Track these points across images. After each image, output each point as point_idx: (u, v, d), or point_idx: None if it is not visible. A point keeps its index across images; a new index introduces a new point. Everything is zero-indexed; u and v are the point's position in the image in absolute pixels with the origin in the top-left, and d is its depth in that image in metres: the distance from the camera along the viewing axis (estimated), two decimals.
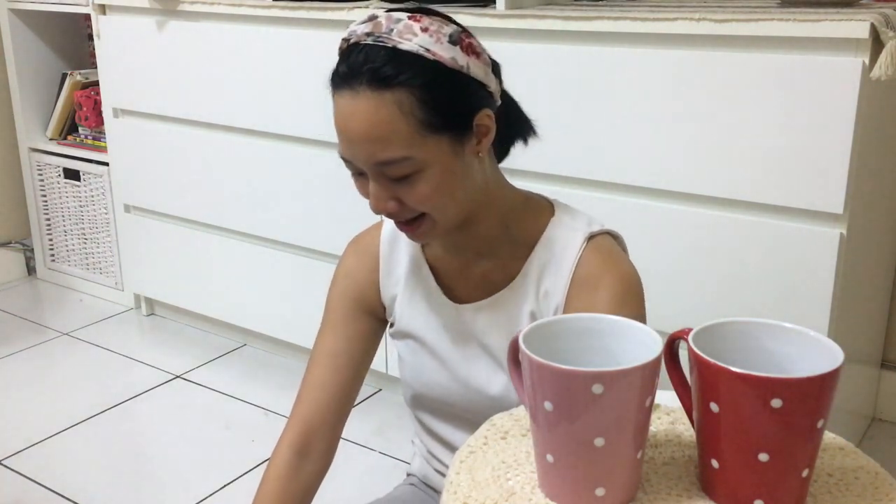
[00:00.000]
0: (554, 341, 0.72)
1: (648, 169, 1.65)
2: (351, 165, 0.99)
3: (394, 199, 0.98)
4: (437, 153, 0.95)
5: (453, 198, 0.99)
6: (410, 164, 0.95)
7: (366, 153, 0.95)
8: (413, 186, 0.96)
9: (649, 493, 0.71)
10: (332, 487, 1.89)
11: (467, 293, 1.09)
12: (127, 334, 2.64)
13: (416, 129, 0.94)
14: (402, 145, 0.94)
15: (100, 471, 1.96)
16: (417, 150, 0.94)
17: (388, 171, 0.95)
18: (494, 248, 1.07)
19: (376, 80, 0.93)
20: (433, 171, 0.96)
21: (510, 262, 1.06)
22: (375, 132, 0.93)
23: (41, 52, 2.85)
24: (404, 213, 0.99)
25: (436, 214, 0.99)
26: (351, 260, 1.16)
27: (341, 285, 1.16)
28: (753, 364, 0.68)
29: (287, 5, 2.05)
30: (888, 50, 1.38)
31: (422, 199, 0.97)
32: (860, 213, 1.56)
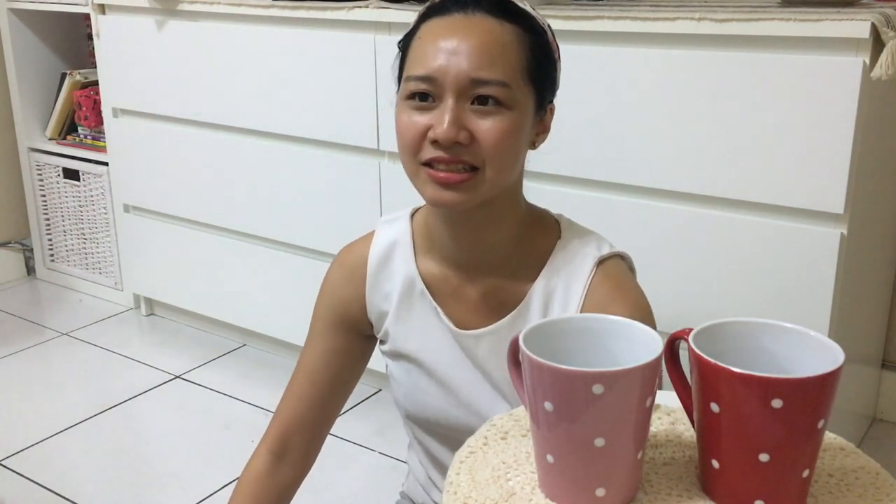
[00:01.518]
0: (554, 341, 0.72)
1: (648, 169, 1.65)
2: (429, 85, 0.94)
3: (466, 131, 0.94)
4: (525, 102, 0.96)
5: (514, 159, 0.97)
6: (504, 93, 0.93)
7: (468, 66, 0.92)
8: (492, 120, 0.93)
9: (649, 493, 0.71)
10: (332, 487, 1.89)
11: (466, 316, 1.05)
12: (127, 334, 2.64)
13: (522, 66, 0.95)
14: (508, 71, 0.93)
15: (100, 471, 1.96)
16: (516, 85, 0.94)
17: (480, 90, 0.93)
18: (500, 265, 1.03)
19: (500, 8, 0.95)
20: (515, 115, 0.94)
21: (513, 286, 1.03)
22: (489, 49, 0.93)
23: (41, 51, 2.84)
24: (465, 153, 0.94)
25: (491, 170, 0.95)
26: (336, 275, 1.14)
27: (325, 300, 1.14)
28: (753, 364, 0.68)
29: (287, 5, 2.05)
30: (889, 50, 1.38)
31: (495, 136, 0.93)
32: (860, 213, 1.56)
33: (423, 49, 0.95)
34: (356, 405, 2.19)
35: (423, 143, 0.95)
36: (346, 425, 2.11)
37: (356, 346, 1.14)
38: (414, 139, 0.95)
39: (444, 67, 0.93)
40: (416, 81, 0.95)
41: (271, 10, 2.08)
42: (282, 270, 2.29)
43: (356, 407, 2.18)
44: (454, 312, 1.06)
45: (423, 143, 0.95)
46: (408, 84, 0.96)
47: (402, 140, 0.97)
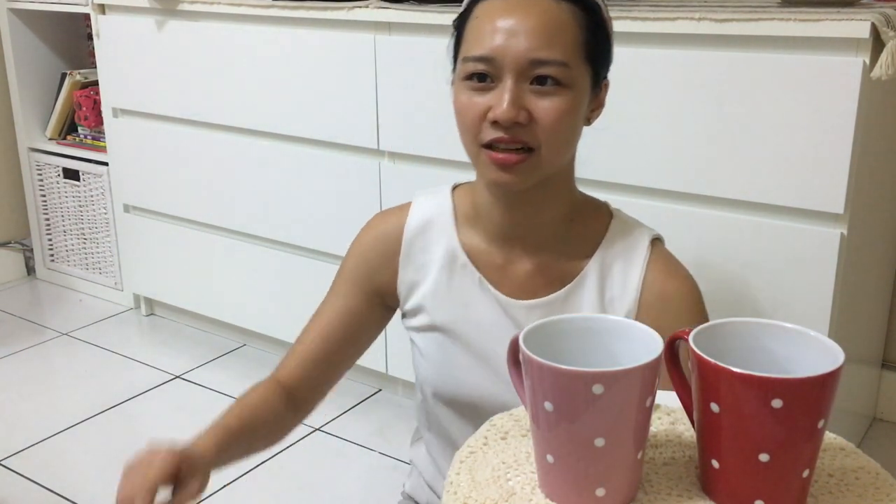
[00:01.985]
0: (554, 341, 0.72)
1: (647, 168, 1.65)
2: (487, 66, 0.94)
3: (525, 111, 0.94)
4: (581, 80, 0.96)
5: (570, 139, 0.98)
6: (563, 73, 0.94)
7: (527, 46, 0.93)
8: (551, 100, 0.94)
9: (649, 493, 0.71)
10: (332, 487, 1.89)
11: (513, 290, 1.05)
12: (126, 334, 2.64)
13: (579, 45, 0.95)
14: (565, 50, 0.94)
15: (100, 471, 1.96)
16: (574, 64, 0.95)
17: (539, 70, 0.93)
18: (552, 246, 1.03)
19: None
20: (573, 94, 0.95)
21: (564, 263, 1.03)
22: (547, 29, 0.93)
23: (41, 51, 2.84)
24: (524, 133, 0.95)
25: (547, 151, 0.95)
26: (368, 239, 1.12)
27: (353, 261, 1.13)
28: (753, 364, 0.68)
29: (287, 5, 2.05)
30: (889, 49, 1.38)
31: (555, 116, 0.94)
32: (860, 213, 1.56)
33: (480, 29, 0.95)
34: (356, 405, 2.19)
35: (482, 124, 0.96)
36: (346, 425, 2.11)
37: (376, 313, 1.13)
38: (473, 121, 0.96)
39: (502, 47, 0.93)
40: (474, 62, 0.95)
41: (271, 10, 2.08)
42: (282, 270, 2.29)
43: (356, 407, 2.18)
44: (500, 286, 1.05)
45: (483, 125, 0.96)
46: (465, 65, 0.97)
47: (461, 122, 0.99)
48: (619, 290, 1.02)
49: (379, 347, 2.14)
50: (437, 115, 1.88)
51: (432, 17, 1.83)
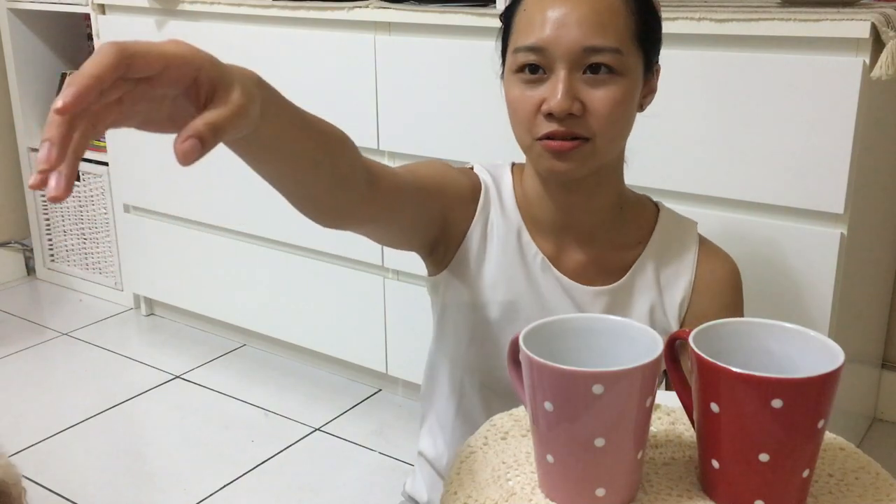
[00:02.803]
0: (554, 341, 0.72)
1: (646, 168, 1.65)
2: (539, 57, 0.93)
3: (579, 102, 0.92)
4: (635, 67, 0.95)
5: (624, 127, 0.97)
6: (617, 60, 0.92)
7: (579, 35, 0.91)
8: (605, 89, 0.92)
9: (650, 493, 0.71)
10: (332, 487, 1.89)
11: (571, 276, 1.04)
12: (126, 334, 2.64)
13: (632, 30, 0.94)
14: (619, 37, 0.92)
15: (100, 471, 1.96)
16: (627, 50, 0.94)
17: (593, 58, 0.91)
18: (606, 233, 1.03)
19: None
20: (627, 81, 0.94)
21: (616, 254, 1.04)
22: (598, 16, 0.92)
23: (40, 51, 2.84)
24: (577, 125, 0.93)
25: (602, 140, 0.94)
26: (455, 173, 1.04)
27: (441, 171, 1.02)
28: (753, 364, 0.68)
29: (287, 5, 2.05)
30: (889, 50, 1.38)
31: (609, 105, 0.92)
32: (860, 213, 1.56)
33: (530, 19, 0.94)
34: (356, 405, 2.19)
35: (536, 117, 0.94)
36: (346, 425, 2.11)
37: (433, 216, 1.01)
38: (527, 114, 0.95)
39: (554, 37, 0.92)
40: (525, 52, 0.94)
41: (271, 10, 2.08)
42: (282, 270, 2.29)
43: (356, 407, 2.18)
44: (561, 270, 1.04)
45: (537, 118, 0.94)
46: (516, 56, 0.95)
47: (515, 116, 0.97)
48: (675, 276, 1.04)
49: (379, 347, 2.14)
50: (437, 115, 1.88)
51: (432, 17, 1.83)
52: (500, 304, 1.04)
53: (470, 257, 1.04)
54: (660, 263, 1.05)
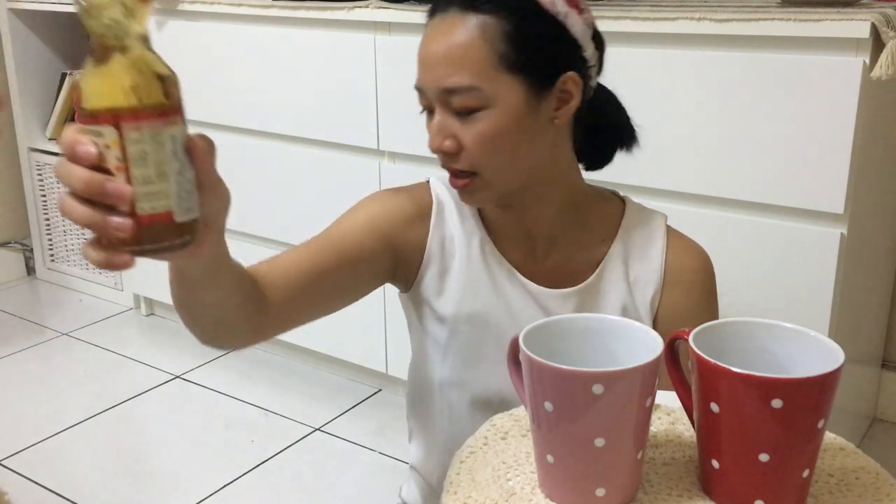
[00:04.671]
0: (554, 341, 0.72)
1: (647, 168, 1.65)
2: (422, 97, 0.95)
3: (452, 138, 0.93)
4: (507, 95, 0.91)
5: (513, 155, 0.93)
6: (476, 97, 0.90)
7: (436, 76, 0.91)
8: (474, 124, 0.91)
9: (649, 493, 0.71)
10: (332, 487, 1.89)
11: (538, 281, 1.03)
12: (127, 334, 2.64)
13: (492, 60, 0.89)
14: (472, 73, 0.89)
15: (100, 471, 1.96)
16: (487, 84, 0.90)
17: (453, 100, 0.91)
18: (567, 235, 1.02)
19: (466, 2, 0.90)
20: (498, 112, 0.91)
21: (589, 250, 1.03)
22: (450, 54, 0.90)
23: (41, 51, 2.84)
24: (459, 160, 0.93)
25: (489, 172, 0.93)
26: (395, 199, 1.04)
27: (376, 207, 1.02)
28: (753, 364, 0.68)
29: (287, 5, 2.05)
30: (889, 50, 1.38)
31: (479, 141, 0.91)
32: (860, 213, 1.56)
33: (417, 57, 0.95)
34: (356, 405, 2.19)
35: None
36: (346, 425, 2.11)
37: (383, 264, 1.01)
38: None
39: (423, 80, 0.94)
40: (417, 93, 0.96)
41: (271, 10, 2.08)
42: None
43: (356, 407, 2.18)
44: (528, 277, 1.03)
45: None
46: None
47: None
48: (643, 270, 1.03)
49: (379, 347, 2.14)
50: None
51: None
52: (467, 316, 1.04)
53: (432, 273, 1.04)
54: (628, 258, 1.03)
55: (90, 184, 0.57)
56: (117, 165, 0.54)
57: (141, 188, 0.55)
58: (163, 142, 0.56)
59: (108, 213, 0.57)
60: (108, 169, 0.55)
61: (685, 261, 1.03)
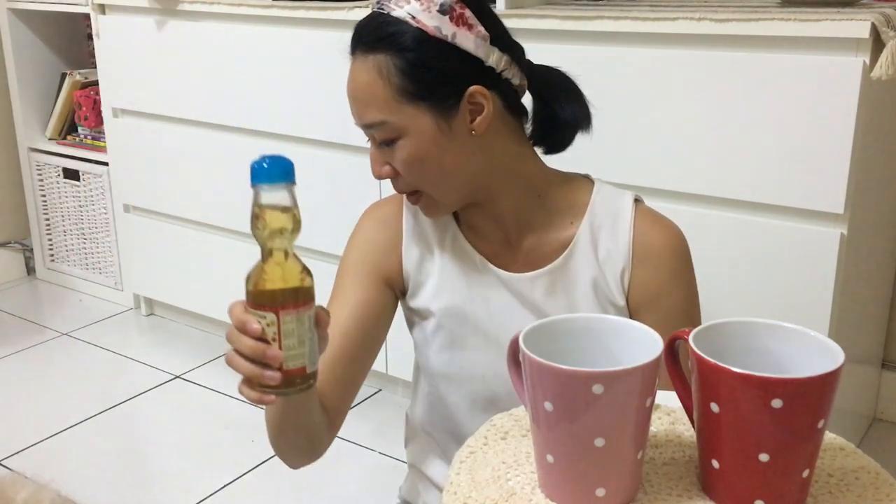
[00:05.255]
0: (554, 341, 0.72)
1: (647, 169, 1.65)
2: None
3: (388, 165, 1.01)
4: (415, 122, 0.98)
5: (441, 172, 1.00)
6: (389, 129, 0.98)
7: (356, 113, 1.00)
8: (396, 152, 0.99)
9: (649, 493, 0.71)
10: (332, 487, 1.89)
11: (515, 267, 1.06)
12: (126, 334, 2.64)
13: (392, 95, 0.97)
14: (379, 109, 0.97)
15: (100, 471, 1.96)
16: (394, 116, 0.97)
17: (373, 133, 1.00)
18: (535, 221, 1.05)
19: (364, 43, 0.98)
20: (412, 139, 0.98)
21: (559, 232, 1.05)
22: (359, 94, 0.99)
23: (41, 51, 2.84)
24: (400, 183, 1.03)
25: (428, 188, 1.01)
26: (369, 225, 1.12)
27: (356, 252, 1.12)
28: (753, 364, 0.68)
29: (287, 5, 2.05)
30: (889, 50, 1.38)
31: (404, 167, 0.99)
32: (860, 213, 1.56)
33: None
34: (356, 405, 2.19)
35: None
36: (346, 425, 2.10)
37: (388, 300, 1.11)
38: None
39: (353, 117, 1.02)
40: None
41: (271, 10, 2.08)
42: None
43: (356, 407, 2.18)
44: (500, 265, 1.07)
45: None
46: None
47: None
48: (612, 247, 1.04)
49: None
50: None
51: None
52: (447, 310, 1.08)
53: (415, 281, 1.10)
54: (596, 236, 1.05)
55: (255, 351, 0.78)
56: (273, 337, 0.77)
57: (287, 352, 0.78)
58: (303, 321, 0.78)
59: (263, 368, 0.79)
60: (266, 339, 0.77)
61: (653, 237, 1.04)
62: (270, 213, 0.76)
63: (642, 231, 1.04)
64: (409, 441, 1.25)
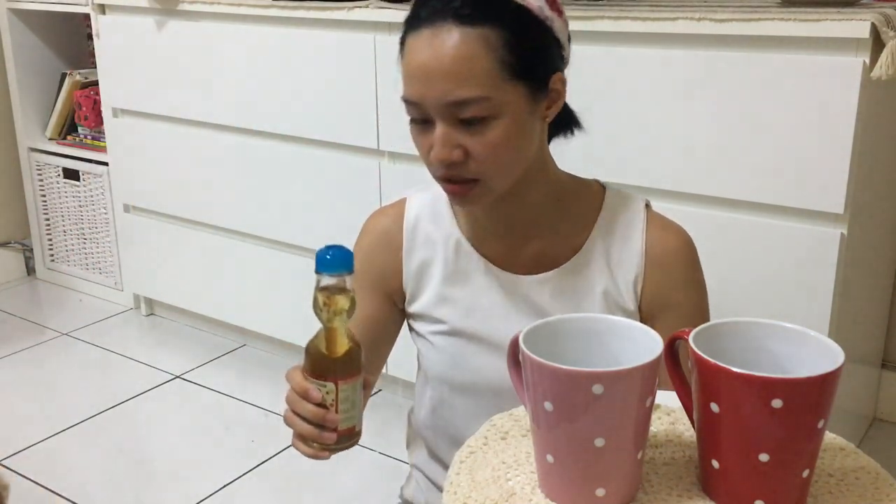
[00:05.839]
0: (554, 341, 0.72)
1: (647, 169, 1.65)
2: (416, 110, 0.95)
3: (460, 148, 0.94)
4: (513, 101, 0.93)
5: (517, 158, 0.97)
6: (486, 107, 0.92)
7: (442, 90, 0.91)
8: (484, 134, 0.93)
9: (650, 493, 0.71)
10: (332, 487, 1.89)
11: (521, 270, 1.05)
12: (127, 334, 2.64)
13: (498, 70, 0.91)
14: (482, 83, 0.91)
15: (100, 471, 1.96)
16: (496, 92, 0.92)
17: (461, 112, 0.92)
18: (547, 224, 1.04)
19: (463, 16, 0.91)
20: (507, 119, 0.93)
21: (569, 238, 1.04)
22: (457, 67, 0.91)
23: (41, 51, 2.84)
24: (464, 169, 0.95)
25: (492, 177, 0.96)
26: (368, 241, 1.11)
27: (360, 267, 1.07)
28: (753, 364, 0.68)
29: (287, 5, 2.05)
30: (889, 50, 1.38)
31: (489, 150, 0.93)
32: (860, 213, 1.56)
33: (406, 69, 0.95)
34: None
35: (430, 160, 0.97)
36: None
37: (389, 313, 1.11)
38: (424, 157, 0.98)
39: (423, 93, 0.93)
40: (408, 105, 0.96)
41: (271, 10, 2.08)
42: (282, 270, 2.29)
43: None
44: (506, 269, 1.06)
45: (431, 161, 0.97)
46: (405, 105, 0.97)
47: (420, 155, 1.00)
48: (626, 254, 1.04)
49: None
50: None
51: None
52: (449, 314, 1.07)
53: (417, 289, 1.10)
54: (608, 244, 1.04)
55: (316, 416, 0.87)
56: (331, 403, 0.87)
57: (342, 415, 0.88)
58: (356, 388, 0.87)
59: (320, 429, 0.88)
60: (324, 404, 0.87)
61: (665, 242, 1.04)
62: (333, 298, 0.84)
63: (654, 237, 1.04)
64: (410, 442, 1.25)
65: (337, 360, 0.86)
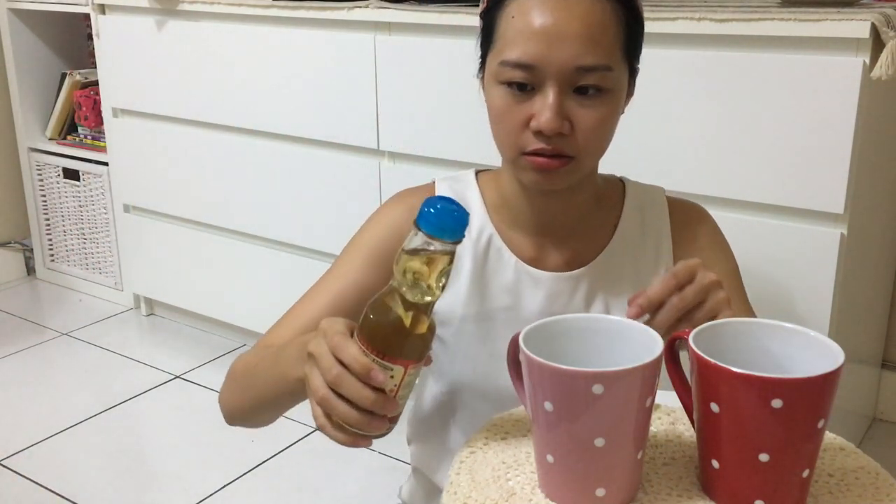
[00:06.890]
0: (554, 341, 0.72)
1: (647, 168, 1.65)
2: (528, 74, 0.89)
3: (568, 120, 0.90)
4: (622, 80, 0.93)
5: (608, 140, 0.95)
6: (608, 78, 0.89)
7: (571, 53, 0.87)
8: (595, 108, 0.90)
9: (650, 493, 0.71)
10: (332, 487, 1.89)
11: (554, 267, 1.02)
12: (126, 334, 2.64)
13: (620, 45, 0.91)
14: (609, 53, 0.89)
15: (100, 471, 1.96)
16: (617, 66, 0.91)
17: (584, 78, 0.88)
18: (579, 227, 1.03)
19: None
20: (614, 97, 0.92)
21: (598, 231, 1.04)
22: (590, 32, 0.87)
23: (41, 51, 2.84)
24: (565, 144, 0.91)
25: (586, 157, 0.93)
26: (397, 210, 1.03)
27: (377, 232, 1.02)
28: (753, 364, 0.68)
29: (287, 5, 2.05)
30: (889, 50, 1.38)
31: (597, 124, 0.91)
32: (860, 213, 1.56)
33: (517, 31, 0.89)
34: None
35: (523, 132, 0.91)
36: None
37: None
38: (514, 128, 0.92)
39: (544, 55, 0.87)
40: (513, 69, 0.90)
41: (271, 10, 2.08)
42: (282, 270, 2.29)
43: None
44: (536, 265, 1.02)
45: (524, 133, 0.91)
46: (503, 69, 0.90)
47: (501, 127, 0.94)
48: (654, 241, 1.04)
49: None
50: (437, 115, 1.88)
51: (432, 17, 1.83)
52: (475, 315, 1.03)
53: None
54: (636, 235, 1.04)
55: (375, 402, 0.73)
56: (392, 389, 0.73)
57: (399, 402, 0.75)
58: (419, 373, 0.75)
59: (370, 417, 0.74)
60: (383, 388, 0.72)
61: (687, 220, 1.06)
62: (437, 268, 0.70)
63: (678, 220, 1.06)
64: (411, 442, 1.24)
65: (417, 339, 0.71)
